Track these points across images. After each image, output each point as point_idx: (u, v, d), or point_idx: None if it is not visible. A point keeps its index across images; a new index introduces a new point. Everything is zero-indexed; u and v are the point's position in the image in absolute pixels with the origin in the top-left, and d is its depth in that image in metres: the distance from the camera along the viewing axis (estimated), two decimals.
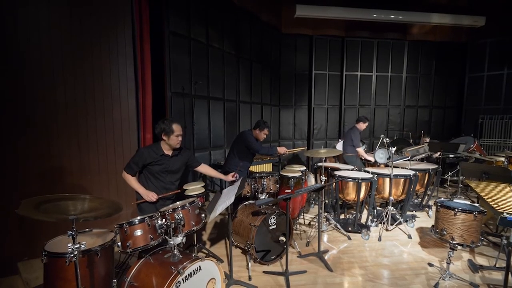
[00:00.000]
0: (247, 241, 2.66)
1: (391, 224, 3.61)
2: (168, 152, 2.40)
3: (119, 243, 1.71)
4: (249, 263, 2.64)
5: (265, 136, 3.43)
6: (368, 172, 3.71)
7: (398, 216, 3.78)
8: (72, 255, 1.43)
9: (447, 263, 2.47)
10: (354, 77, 7.22)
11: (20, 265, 2.66)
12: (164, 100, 4.15)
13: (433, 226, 2.63)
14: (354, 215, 3.81)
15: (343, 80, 7.18)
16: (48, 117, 2.82)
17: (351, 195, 3.54)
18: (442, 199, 2.64)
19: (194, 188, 2.70)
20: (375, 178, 3.48)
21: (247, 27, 5.75)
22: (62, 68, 2.91)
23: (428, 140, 5.33)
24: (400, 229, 3.66)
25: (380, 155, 3.72)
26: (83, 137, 3.07)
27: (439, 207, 2.51)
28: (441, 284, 2.42)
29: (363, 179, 3.37)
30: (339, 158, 5.20)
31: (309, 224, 3.84)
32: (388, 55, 7.24)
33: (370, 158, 4.37)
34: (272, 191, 3.02)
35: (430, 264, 2.77)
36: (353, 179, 3.39)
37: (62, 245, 1.69)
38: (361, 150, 4.41)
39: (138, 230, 1.71)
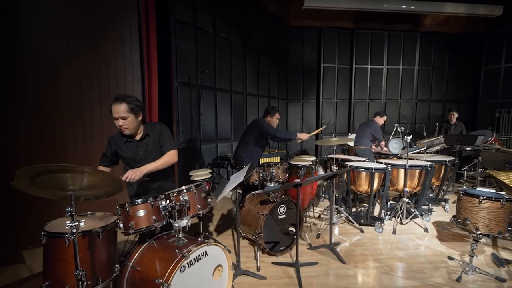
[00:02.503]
0: (255, 230, 2.54)
1: (406, 218, 3.43)
2: (137, 136, 1.99)
3: (121, 225, 1.62)
4: (257, 253, 2.53)
5: (277, 121, 3.34)
6: (381, 163, 3.55)
7: (412, 210, 3.60)
8: (71, 233, 1.33)
9: (470, 255, 2.30)
10: (364, 70, 7.03)
11: (25, 253, 2.63)
12: (170, 90, 4.08)
13: (454, 216, 2.46)
14: (366, 208, 3.65)
15: (353, 74, 7.00)
16: (53, 103, 2.77)
17: (363, 187, 3.38)
18: (465, 187, 2.47)
19: (201, 174, 2.60)
20: (389, 169, 3.31)
21: (254, 18, 5.65)
22: (67, 55, 2.86)
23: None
24: (415, 222, 3.48)
25: (394, 145, 3.55)
26: (88, 123, 3.01)
27: (461, 195, 2.34)
28: (464, 278, 2.25)
29: (376, 169, 3.21)
30: (349, 152, 5.04)
31: (319, 217, 3.70)
32: (399, 48, 7.02)
33: (386, 148, 4.20)
34: (281, 180, 2.89)
35: (451, 258, 2.59)
36: (366, 169, 3.24)
37: (63, 226, 1.60)
38: (383, 143, 4.24)
39: (141, 211, 1.61)
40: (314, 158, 3.52)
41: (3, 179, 2.45)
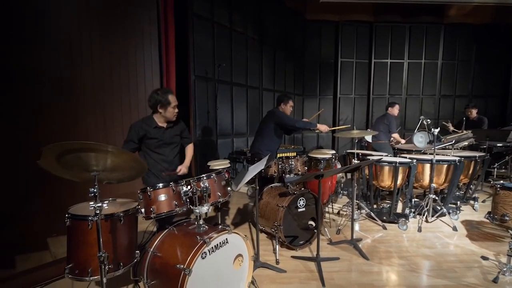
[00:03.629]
0: (274, 222, 2.48)
1: (432, 216, 3.25)
2: (163, 124, 2.26)
3: (142, 209, 1.60)
4: (276, 246, 2.46)
5: (291, 109, 3.27)
6: (405, 158, 3.38)
7: (438, 207, 3.40)
8: (94, 215, 1.33)
9: (508, 255, 2.12)
10: (384, 64, 6.78)
11: (49, 241, 2.70)
12: (187, 84, 4.09)
13: (489, 212, 2.28)
14: (388, 205, 3.49)
15: (372, 68, 6.77)
16: (75, 95, 2.81)
17: (386, 182, 3.23)
18: (502, 181, 2.28)
19: (220, 163, 2.57)
20: (414, 163, 3.15)
21: (271, 13, 5.58)
22: (89, 47, 2.90)
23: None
24: (442, 221, 3.29)
25: (420, 139, 3.36)
26: (108, 115, 3.06)
27: (498, 189, 2.17)
28: (501, 278, 2.08)
29: (401, 164, 3.06)
30: (367, 148, 4.87)
31: (338, 213, 3.58)
32: (421, 41, 6.72)
33: (402, 141, 4.03)
34: (300, 173, 2.81)
35: (484, 258, 2.41)
36: (390, 163, 3.09)
37: (86, 210, 1.61)
38: (397, 135, 4.07)
39: (162, 195, 1.59)
40: (334, 151, 3.40)
41: (26, 172, 2.54)
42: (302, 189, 2.69)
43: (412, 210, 3.39)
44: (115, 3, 3.09)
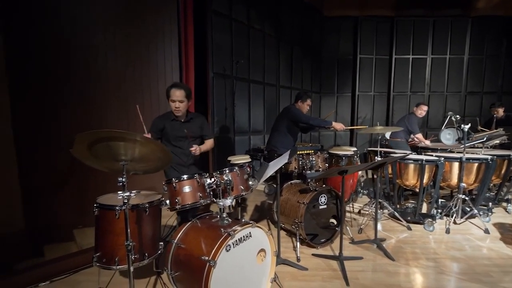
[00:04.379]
0: (294, 219, 2.43)
1: (461, 217, 3.08)
2: (180, 118, 2.27)
3: (167, 201, 1.61)
4: (297, 243, 2.41)
5: (308, 108, 3.21)
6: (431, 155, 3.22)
7: (468, 208, 3.22)
8: (122, 204, 1.34)
9: None
10: (405, 60, 6.54)
11: (75, 232, 2.79)
12: (205, 81, 4.11)
13: None
14: (413, 205, 3.35)
15: (393, 65, 6.54)
16: (100, 90, 2.88)
17: (411, 181, 3.10)
18: None
19: (240, 158, 2.55)
20: (442, 161, 2.99)
21: (288, 9, 5.52)
22: (113, 44, 2.96)
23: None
24: (472, 223, 3.11)
25: (447, 136, 3.20)
26: (131, 109, 3.11)
27: None
28: None
29: (427, 162, 2.92)
30: (387, 146, 4.70)
31: (359, 212, 3.47)
32: (446, 35, 6.41)
33: (427, 142, 3.85)
34: (321, 169, 2.74)
35: None
36: (415, 161, 2.95)
37: (112, 200, 1.64)
38: (420, 136, 3.91)
39: (187, 187, 1.59)
40: (355, 149, 3.30)
41: (52, 169, 2.63)
42: (324, 185, 2.62)
43: (439, 210, 3.23)
44: (136, 0, 3.14)
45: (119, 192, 1.34)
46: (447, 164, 3.13)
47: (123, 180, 1.31)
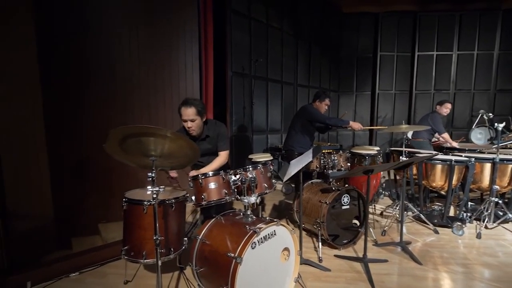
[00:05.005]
0: (316, 219, 2.39)
1: (493, 222, 2.90)
2: (195, 135, 2.09)
3: (193, 197, 1.62)
4: (319, 244, 2.36)
5: (326, 108, 3.15)
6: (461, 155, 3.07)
7: (500, 212, 3.04)
8: (152, 198, 1.37)
9: None
10: (429, 57, 6.27)
11: (100, 226, 2.88)
12: (224, 80, 4.13)
13: None
14: (439, 207, 3.20)
15: (415, 62, 6.30)
16: (123, 91, 2.95)
17: (438, 182, 2.96)
18: None
19: (262, 156, 2.54)
20: (472, 162, 2.84)
21: (306, 7, 5.46)
22: (137, 46, 3.03)
23: None
24: (505, 228, 2.92)
25: (478, 135, 3.03)
26: (153, 112, 3.19)
27: None
28: None
29: (457, 162, 2.78)
30: (409, 146, 4.53)
31: (381, 214, 3.36)
32: (474, 30, 6.09)
33: (454, 143, 3.66)
34: (343, 169, 2.68)
35: None
36: (444, 161, 2.82)
37: (139, 195, 1.68)
38: (446, 135, 3.73)
39: (212, 183, 1.60)
40: (378, 148, 3.20)
41: (76, 165, 2.73)
42: (346, 185, 2.56)
43: (468, 214, 3.07)
44: (160, 1, 3.20)
45: (148, 187, 1.35)
46: (477, 165, 2.96)
47: (153, 175, 1.33)
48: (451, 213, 3.25)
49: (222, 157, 2.17)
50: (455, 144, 3.87)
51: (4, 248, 2.04)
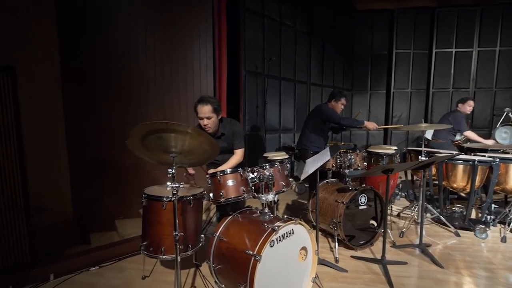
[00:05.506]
0: (332, 219, 2.35)
1: None
2: (211, 132, 2.09)
3: (211, 194, 1.62)
4: (336, 244, 2.32)
5: (342, 107, 3.09)
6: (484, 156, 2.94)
7: None
8: (172, 194, 1.38)
9: None
10: (447, 54, 6.06)
11: (117, 222, 2.95)
12: (238, 79, 4.14)
13: None
14: (460, 209, 3.09)
15: (433, 59, 6.11)
16: (139, 91, 2.99)
17: (459, 183, 2.85)
18: None
19: (277, 155, 2.52)
20: (497, 162, 2.71)
21: (320, 4, 5.39)
22: (152, 46, 3.07)
23: None
24: None
25: (503, 135, 2.89)
26: (168, 111, 3.23)
27: None
28: None
29: (480, 162, 2.67)
30: (427, 146, 4.39)
31: (398, 215, 3.27)
32: (496, 25, 5.84)
33: (488, 142, 3.49)
34: (359, 168, 2.62)
35: None
36: (466, 161, 2.71)
37: (158, 192, 1.70)
38: (471, 133, 3.57)
39: (230, 180, 1.60)
40: (396, 147, 3.11)
41: (95, 163, 2.80)
42: (363, 185, 2.50)
43: (492, 217, 2.94)
44: (176, 1, 3.23)
45: (168, 183, 1.37)
46: (502, 166, 2.83)
47: (173, 171, 1.34)
48: (473, 215, 3.13)
49: (238, 155, 2.18)
50: (489, 142, 3.64)
51: (27, 242, 2.11)
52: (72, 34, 2.51)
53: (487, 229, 2.68)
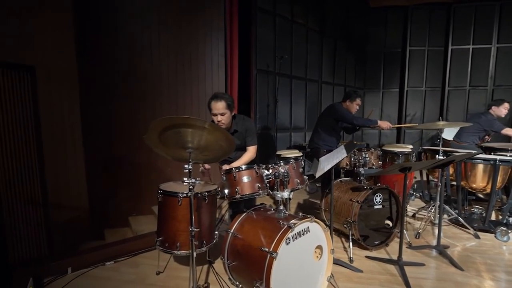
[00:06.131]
0: (346, 218, 2.31)
1: None
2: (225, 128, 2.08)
3: (226, 190, 1.62)
4: (350, 244, 2.28)
5: (357, 108, 3.02)
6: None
7: None
8: (188, 190, 1.38)
9: None
10: (464, 51, 5.88)
11: (130, 219, 2.99)
12: (249, 77, 4.13)
13: None
14: (480, 210, 2.98)
15: (448, 56, 5.93)
16: (153, 89, 3.03)
17: (479, 183, 2.75)
18: None
19: (290, 152, 2.50)
20: None
21: (332, 2, 5.32)
22: (166, 46, 3.09)
23: None
24: None
25: None
26: (181, 107, 3.25)
27: None
28: None
29: (502, 162, 2.56)
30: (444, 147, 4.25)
31: (414, 215, 3.19)
32: None
33: None
34: (374, 167, 2.57)
35: None
36: (487, 160, 2.61)
37: (173, 188, 1.70)
38: (509, 130, 3.42)
39: (245, 177, 1.59)
40: (412, 146, 3.04)
41: (108, 161, 2.84)
42: (378, 184, 2.45)
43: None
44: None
45: (184, 179, 1.37)
46: None
47: (190, 167, 1.34)
48: (492, 217, 3.01)
49: (251, 152, 2.17)
50: None
51: (46, 237, 2.17)
52: (87, 33, 2.55)
53: (509, 231, 2.58)
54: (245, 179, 1.59)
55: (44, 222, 2.18)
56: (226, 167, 1.83)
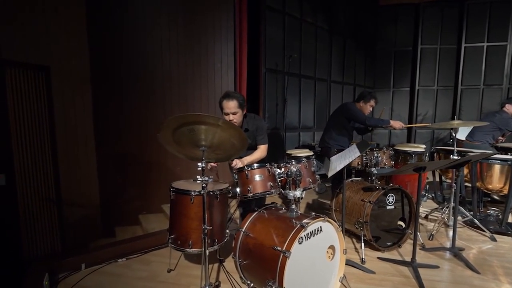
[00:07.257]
0: (358, 219, 2.27)
1: None
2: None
3: (238, 189, 1.62)
4: (362, 244, 2.24)
5: (371, 109, 2.96)
6: None
7: None
8: (201, 188, 1.38)
9: None
10: (478, 49, 5.73)
11: (140, 217, 3.03)
12: (258, 76, 4.12)
13: None
14: (496, 212, 2.89)
15: (461, 55, 5.79)
16: (163, 88, 3.06)
17: (495, 184, 2.67)
18: None
19: (301, 151, 2.48)
20: None
21: (341, 1, 5.26)
22: (176, 46, 3.11)
23: None
24: None
25: None
26: (191, 106, 3.27)
27: None
28: None
29: None
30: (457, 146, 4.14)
31: (426, 217, 3.12)
32: None
33: None
34: (386, 167, 2.52)
35: None
36: (504, 161, 2.53)
37: (185, 186, 1.71)
38: None
39: (258, 175, 1.58)
40: (425, 146, 2.97)
41: (118, 161, 2.87)
42: (390, 184, 2.40)
43: None
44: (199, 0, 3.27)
45: (197, 177, 1.37)
46: None
47: (203, 165, 1.34)
48: (510, 219, 2.92)
49: (262, 150, 2.16)
50: None
51: (59, 234, 2.21)
52: (99, 34, 2.59)
53: None
54: (257, 177, 1.58)
55: (58, 219, 2.21)
56: (236, 161, 1.82)
